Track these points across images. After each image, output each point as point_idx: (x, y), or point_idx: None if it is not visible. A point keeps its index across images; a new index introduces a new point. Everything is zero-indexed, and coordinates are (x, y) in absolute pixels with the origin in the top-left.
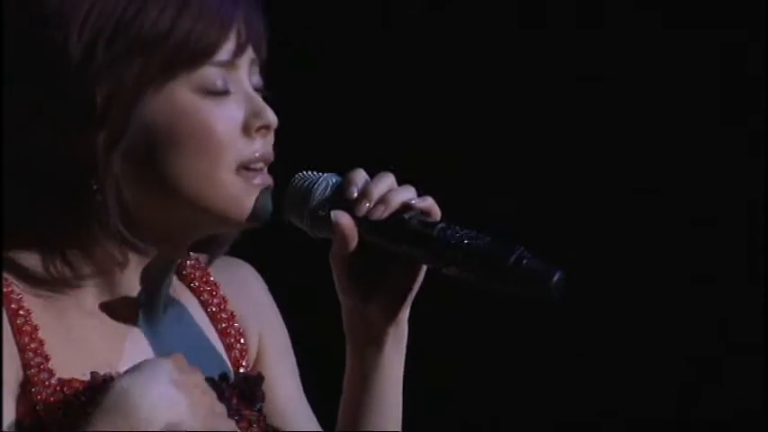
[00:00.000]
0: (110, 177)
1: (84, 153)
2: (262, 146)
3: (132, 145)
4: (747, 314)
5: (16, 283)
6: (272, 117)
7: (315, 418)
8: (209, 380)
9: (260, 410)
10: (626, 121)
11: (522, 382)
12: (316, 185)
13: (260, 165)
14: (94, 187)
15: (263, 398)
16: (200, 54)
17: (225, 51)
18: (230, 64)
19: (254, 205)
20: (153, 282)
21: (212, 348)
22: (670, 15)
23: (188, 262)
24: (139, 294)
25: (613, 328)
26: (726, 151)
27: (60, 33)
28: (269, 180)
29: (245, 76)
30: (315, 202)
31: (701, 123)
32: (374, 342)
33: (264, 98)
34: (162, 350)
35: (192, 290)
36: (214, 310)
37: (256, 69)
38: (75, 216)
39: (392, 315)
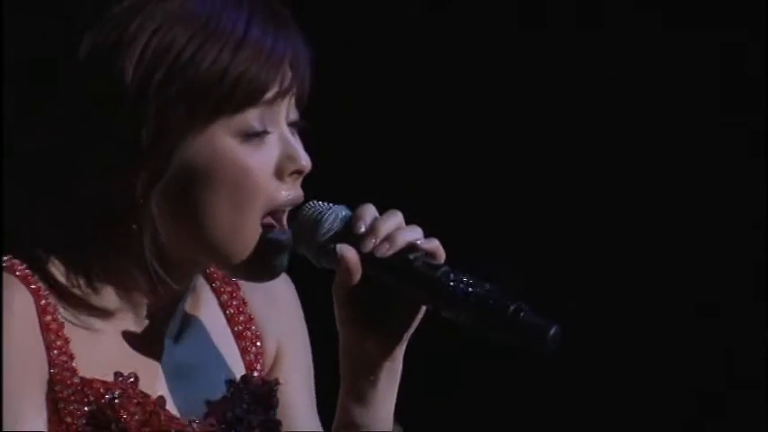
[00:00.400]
0: (147, 213)
1: (125, 188)
2: (293, 188)
3: (170, 183)
4: (751, 349)
5: (42, 282)
6: (305, 162)
7: (322, 430)
8: (223, 383)
9: (273, 416)
10: (625, 120)
11: (523, 416)
12: (325, 217)
13: (287, 207)
14: (131, 218)
15: (277, 404)
16: (249, 99)
17: (269, 93)
18: (272, 103)
19: (270, 265)
20: (173, 298)
21: (227, 352)
22: (670, 15)
23: None
24: (160, 305)
25: (614, 362)
26: (726, 151)
27: (116, 68)
28: (287, 237)
29: (284, 113)
30: (323, 234)
31: (701, 123)
32: (369, 376)
33: (301, 130)
34: (180, 353)
35: (214, 290)
36: (232, 312)
37: (294, 102)
38: (107, 244)
39: (389, 351)
